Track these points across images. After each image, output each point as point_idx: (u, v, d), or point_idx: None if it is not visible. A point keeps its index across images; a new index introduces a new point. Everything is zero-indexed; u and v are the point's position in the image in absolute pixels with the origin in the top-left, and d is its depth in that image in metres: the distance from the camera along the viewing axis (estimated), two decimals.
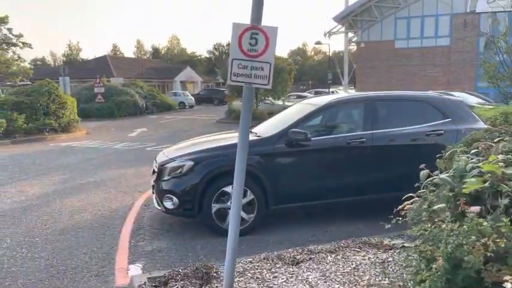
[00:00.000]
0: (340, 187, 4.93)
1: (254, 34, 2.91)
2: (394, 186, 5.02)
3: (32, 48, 33.67)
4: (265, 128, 5.64)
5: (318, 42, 31.01)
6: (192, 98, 38.33)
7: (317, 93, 36.05)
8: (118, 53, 75.56)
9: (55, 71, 38.55)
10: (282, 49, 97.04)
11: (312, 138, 4.87)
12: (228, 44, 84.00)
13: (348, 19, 31.12)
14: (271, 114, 25.16)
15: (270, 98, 26.37)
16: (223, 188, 4.77)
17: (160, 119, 26.77)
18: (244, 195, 4.84)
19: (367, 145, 5.02)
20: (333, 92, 35.38)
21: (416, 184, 3.10)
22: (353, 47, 34.09)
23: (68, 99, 18.05)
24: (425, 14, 29.71)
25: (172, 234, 5.20)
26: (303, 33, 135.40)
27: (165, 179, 4.98)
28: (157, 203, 5.18)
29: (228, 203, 4.83)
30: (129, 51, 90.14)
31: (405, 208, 2.99)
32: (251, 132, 5.61)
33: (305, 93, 34.15)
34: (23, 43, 32.99)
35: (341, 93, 31.45)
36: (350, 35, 32.60)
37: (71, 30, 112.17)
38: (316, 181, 4.93)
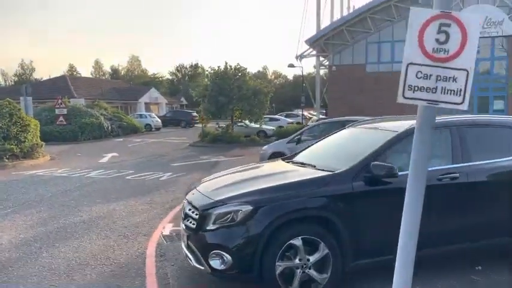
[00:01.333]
0: (434, 234, 3.94)
1: (444, 26, 1.93)
2: (493, 231, 4.14)
3: None
4: (320, 159, 4.60)
5: (291, 65, 30.55)
6: (159, 120, 36.74)
7: (288, 116, 35.57)
8: (75, 73, 72.45)
9: (9, 91, 35.89)
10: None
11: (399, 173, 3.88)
12: (192, 66, 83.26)
13: (320, 43, 31.06)
14: (247, 137, 24.43)
15: (246, 121, 25.42)
16: (291, 241, 3.68)
17: (129, 143, 25.10)
18: (316, 249, 3.77)
19: (462, 181, 4.10)
20: (303, 115, 35.02)
21: None
22: (324, 71, 34.05)
23: (31, 122, 16.25)
24: (396, 39, 30.15)
25: None
26: (263, 58, 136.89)
27: (210, 228, 3.80)
28: (196, 260, 3.98)
29: (296, 260, 3.73)
30: (86, 72, 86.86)
31: None
32: (300, 164, 4.58)
33: (277, 116, 33.48)
34: None
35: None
36: (321, 58, 32.56)
37: (23, 48, 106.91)
38: None
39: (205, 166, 14.80)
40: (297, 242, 3.68)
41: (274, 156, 11.62)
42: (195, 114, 41.46)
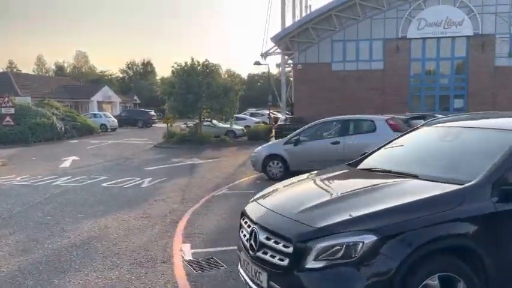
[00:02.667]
0: None
1: None
2: None
3: None
4: (416, 166, 3.65)
5: (257, 63, 29.65)
6: (115, 120, 34.52)
7: (253, 115, 34.67)
8: (15, 69, 67.37)
9: None
10: None
11: None
12: (144, 63, 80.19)
13: (285, 40, 30.42)
14: (217, 137, 23.23)
15: (214, 121, 24.22)
16: (427, 281, 2.74)
17: (86, 145, 23.11)
18: None
19: None
20: (269, 114, 34.27)
21: None
22: (289, 69, 33.46)
23: None
24: (360, 38, 30.13)
25: None
26: (217, 56, 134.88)
27: (311, 267, 2.77)
28: None
29: None
30: (27, 68, 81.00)
31: None
32: (392, 173, 3.65)
33: (243, 115, 32.48)
34: None
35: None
36: (286, 57, 31.94)
37: None
38: None
39: (183, 170, 13.57)
40: (433, 281, 2.75)
41: (270, 159, 10.66)
42: (153, 113, 39.64)
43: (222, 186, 10.28)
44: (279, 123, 26.00)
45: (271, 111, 34.99)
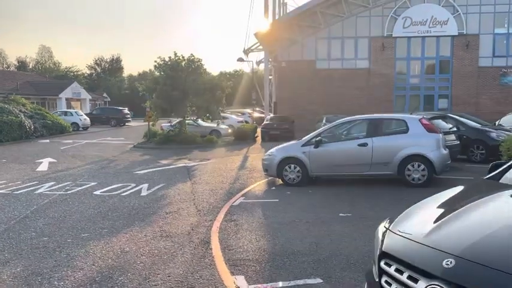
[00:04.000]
0: None
1: None
2: None
3: None
4: None
5: (240, 59, 28.46)
6: (87, 118, 32.42)
7: (233, 114, 33.40)
8: None
9: None
10: None
11: None
12: (113, 59, 77.36)
13: (269, 37, 29.32)
14: (203, 137, 21.86)
15: (199, 120, 22.87)
16: None
17: (59, 145, 21.28)
18: None
19: None
20: (249, 112, 33.13)
21: None
22: (270, 67, 32.45)
23: None
24: (345, 36, 29.49)
25: None
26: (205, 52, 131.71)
27: None
28: None
29: None
30: None
31: None
32: None
33: (226, 114, 31.12)
34: None
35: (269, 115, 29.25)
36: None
37: None
38: None
39: (178, 173, 12.29)
40: None
41: (286, 163, 9.54)
42: (127, 111, 37.69)
43: (234, 193, 9.09)
44: (264, 122, 24.89)
45: (252, 110, 33.91)
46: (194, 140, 20.58)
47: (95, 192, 9.29)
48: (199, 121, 23.23)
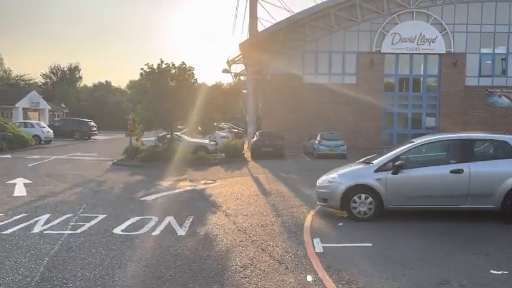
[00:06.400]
0: None
1: None
2: None
3: None
4: None
5: (226, 71, 26.58)
6: (50, 131, 29.07)
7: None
8: None
9: None
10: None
11: None
12: (70, 68, 73.00)
13: (254, 48, 27.69)
14: (193, 154, 19.60)
15: (183, 135, 20.66)
16: None
17: (25, 161, 18.42)
18: None
19: None
20: (228, 127, 31.12)
21: None
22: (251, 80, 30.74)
23: None
24: (333, 50, 28.46)
25: None
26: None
27: None
28: None
29: None
30: None
31: None
32: None
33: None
34: None
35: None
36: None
37: None
38: None
39: (196, 200, 10.28)
40: None
41: (355, 192, 7.72)
42: (93, 124, 34.55)
43: (297, 232, 7.10)
44: (254, 139, 22.99)
45: (230, 124, 32.03)
46: (185, 157, 18.33)
47: (114, 231, 7.05)
48: (184, 136, 21.01)
